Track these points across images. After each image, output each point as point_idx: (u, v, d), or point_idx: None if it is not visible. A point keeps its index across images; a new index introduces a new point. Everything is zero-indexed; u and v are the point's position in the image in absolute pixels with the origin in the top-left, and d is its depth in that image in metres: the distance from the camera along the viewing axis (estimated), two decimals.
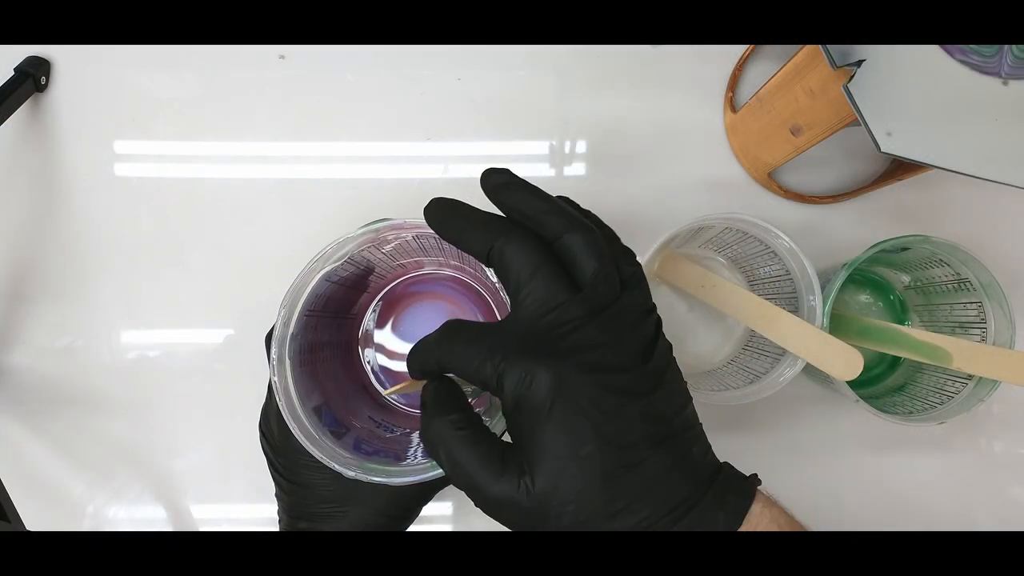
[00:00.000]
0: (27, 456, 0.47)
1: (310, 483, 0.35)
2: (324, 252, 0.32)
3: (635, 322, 0.25)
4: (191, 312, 0.47)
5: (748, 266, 0.45)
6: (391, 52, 0.47)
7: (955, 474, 0.47)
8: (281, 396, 0.32)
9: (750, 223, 0.39)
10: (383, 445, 0.36)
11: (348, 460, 0.32)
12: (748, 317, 0.41)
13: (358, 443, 0.34)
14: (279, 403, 0.32)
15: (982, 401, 0.39)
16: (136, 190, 0.47)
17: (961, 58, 0.32)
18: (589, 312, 0.24)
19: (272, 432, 0.36)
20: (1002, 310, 0.40)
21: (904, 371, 0.46)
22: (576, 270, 0.25)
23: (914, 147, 0.32)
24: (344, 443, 0.33)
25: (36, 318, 0.47)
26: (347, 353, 0.42)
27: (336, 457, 0.32)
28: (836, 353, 0.38)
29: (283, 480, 0.36)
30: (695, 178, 0.47)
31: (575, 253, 0.24)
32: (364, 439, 0.35)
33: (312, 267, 0.33)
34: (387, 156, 0.47)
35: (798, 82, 0.38)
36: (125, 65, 0.47)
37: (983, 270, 0.39)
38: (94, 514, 0.47)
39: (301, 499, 0.36)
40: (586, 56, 0.47)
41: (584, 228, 0.25)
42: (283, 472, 0.36)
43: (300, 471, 0.35)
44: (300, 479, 0.35)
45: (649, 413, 0.24)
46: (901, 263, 0.44)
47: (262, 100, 0.47)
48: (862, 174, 0.47)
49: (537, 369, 0.23)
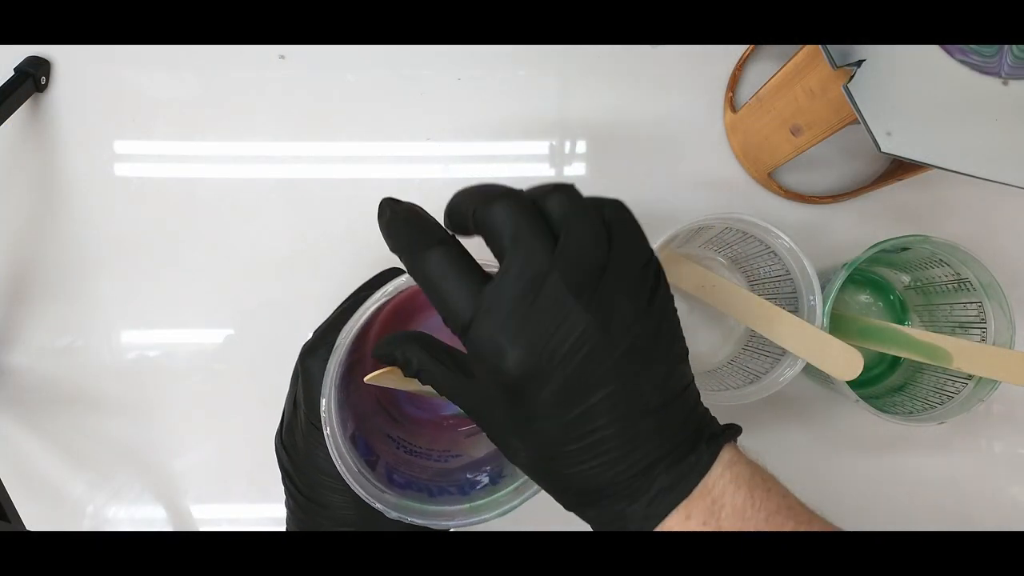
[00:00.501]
0: (27, 456, 0.47)
1: (329, 503, 0.34)
2: (398, 285, 0.31)
3: (632, 288, 0.25)
4: (191, 312, 0.47)
5: (748, 266, 0.45)
6: (391, 52, 0.47)
7: (955, 474, 0.47)
8: (327, 427, 0.31)
9: (750, 223, 0.39)
10: (411, 474, 0.35)
11: (388, 499, 0.32)
12: (748, 317, 0.41)
13: (390, 472, 0.34)
14: (327, 436, 0.31)
15: (982, 401, 0.39)
16: (136, 190, 0.47)
17: (961, 58, 0.32)
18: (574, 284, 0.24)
19: (296, 448, 0.35)
20: (1002, 310, 0.40)
21: (904, 371, 0.46)
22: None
23: (914, 147, 0.32)
24: (378, 475, 0.33)
25: (36, 318, 0.47)
26: (362, 371, 0.41)
27: (376, 495, 0.32)
28: (836, 353, 0.38)
29: (300, 497, 0.35)
30: (695, 178, 0.47)
31: (549, 210, 0.25)
32: (393, 466, 0.35)
33: (376, 300, 0.31)
34: (387, 156, 0.47)
35: (798, 82, 0.38)
36: (125, 65, 0.47)
37: (983, 270, 0.39)
38: (94, 514, 0.47)
39: (315, 517, 0.35)
40: (586, 56, 0.47)
41: (557, 187, 0.25)
42: (302, 489, 0.35)
43: (321, 491, 0.34)
44: (320, 499, 0.35)
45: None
46: (901, 263, 0.44)
47: (262, 100, 0.47)
48: (862, 174, 0.47)
49: (506, 348, 0.23)
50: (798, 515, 0.25)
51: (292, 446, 0.35)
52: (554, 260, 0.23)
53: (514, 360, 0.23)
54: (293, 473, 0.35)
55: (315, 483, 0.34)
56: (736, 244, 0.44)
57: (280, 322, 0.47)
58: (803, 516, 0.25)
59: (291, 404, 0.36)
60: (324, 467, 0.32)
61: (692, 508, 0.24)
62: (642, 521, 0.25)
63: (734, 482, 0.25)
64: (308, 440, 0.33)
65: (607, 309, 0.24)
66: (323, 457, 0.32)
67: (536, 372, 0.24)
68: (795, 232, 0.39)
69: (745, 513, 0.24)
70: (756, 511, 0.24)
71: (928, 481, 0.47)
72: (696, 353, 0.46)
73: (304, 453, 0.34)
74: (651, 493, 0.25)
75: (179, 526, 0.47)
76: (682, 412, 0.26)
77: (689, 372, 0.27)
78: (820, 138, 0.39)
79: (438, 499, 0.33)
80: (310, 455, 0.34)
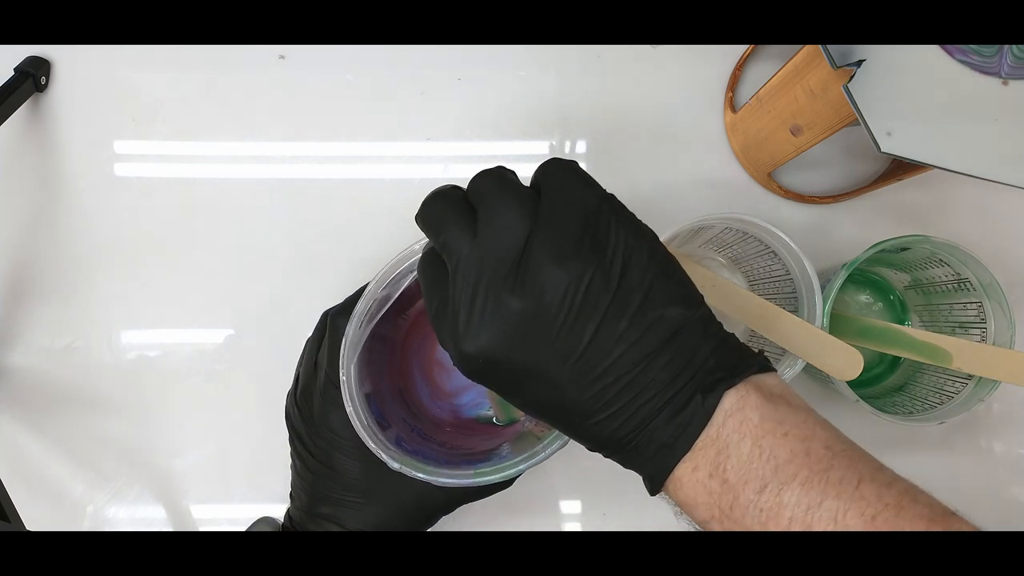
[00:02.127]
0: (27, 456, 0.47)
1: (341, 468, 0.34)
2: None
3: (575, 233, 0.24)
4: (191, 312, 0.47)
5: (748, 266, 0.45)
6: (391, 52, 0.47)
7: (955, 474, 0.47)
8: (345, 377, 0.31)
9: (750, 223, 0.39)
10: (421, 446, 0.36)
11: (393, 453, 0.32)
12: (748, 317, 0.41)
13: (399, 440, 0.34)
14: (343, 382, 0.31)
15: (982, 401, 0.39)
16: (136, 190, 0.47)
17: (961, 58, 0.32)
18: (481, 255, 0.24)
19: (312, 408, 0.35)
20: (1002, 310, 0.40)
21: (904, 371, 0.46)
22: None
23: (914, 147, 0.32)
24: (388, 436, 0.33)
25: (36, 318, 0.47)
26: (391, 352, 0.41)
27: (384, 448, 0.32)
28: (836, 353, 0.38)
29: (310, 458, 0.35)
30: (695, 178, 0.47)
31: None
32: (404, 437, 0.35)
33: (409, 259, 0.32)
34: (387, 156, 0.47)
35: (798, 82, 0.38)
36: (125, 65, 0.47)
37: (983, 270, 0.39)
38: (94, 514, 0.47)
39: (326, 481, 0.35)
40: (586, 56, 0.47)
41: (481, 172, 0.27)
42: (314, 452, 0.35)
43: (333, 453, 0.34)
44: (332, 462, 0.35)
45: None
46: (901, 263, 0.44)
47: (262, 100, 0.47)
48: (862, 174, 0.47)
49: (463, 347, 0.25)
50: (813, 462, 0.23)
51: (307, 407, 0.35)
52: (476, 253, 0.24)
53: (471, 353, 0.25)
54: (304, 434, 0.35)
55: (327, 443, 0.34)
56: (736, 244, 0.44)
57: (280, 322, 0.47)
58: (819, 463, 0.23)
59: (311, 366, 0.36)
60: (337, 428, 0.33)
61: (698, 459, 0.24)
62: (652, 475, 0.25)
63: (738, 431, 0.24)
64: (326, 399, 0.33)
65: (534, 287, 0.24)
66: (338, 419, 0.33)
67: (483, 370, 0.25)
68: (795, 232, 0.39)
69: (751, 464, 0.23)
70: (764, 461, 0.23)
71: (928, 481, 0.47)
72: None
73: (320, 413, 0.34)
74: (651, 449, 0.24)
75: (179, 526, 0.47)
76: (679, 359, 0.24)
77: (686, 314, 0.25)
78: (820, 138, 0.39)
79: (444, 467, 0.34)
80: (325, 416, 0.34)
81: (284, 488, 0.47)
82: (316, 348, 0.36)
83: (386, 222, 0.46)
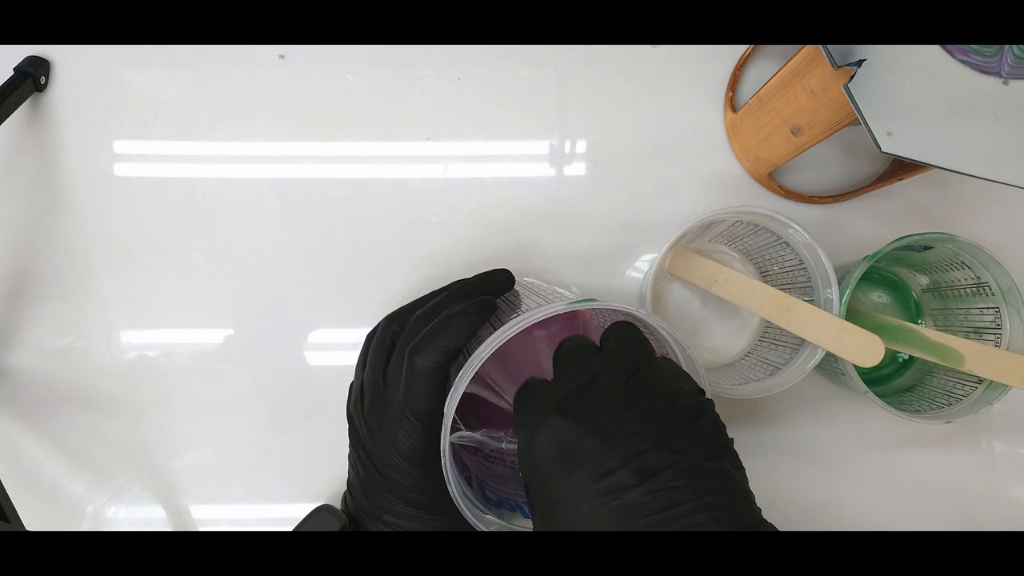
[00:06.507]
0: (27, 456, 0.47)
1: (400, 484, 0.35)
2: (527, 316, 0.31)
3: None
4: (191, 312, 0.47)
5: (760, 258, 0.45)
6: (391, 52, 0.47)
7: (955, 474, 0.47)
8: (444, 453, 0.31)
9: (761, 215, 0.39)
10: (500, 489, 0.36)
11: (489, 520, 0.33)
12: (765, 309, 0.40)
13: (482, 487, 0.35)
14: (444, 464, 0.31)
15: (990, 405, 0.39)
16: (136, 190, 0.47)
17: (961, 58, 0.32)
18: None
19: (381, 428, 0.35)
20: (1019, 316, 0.39)
21: (914, 373, 0.46)
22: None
23: (914, 147, 0.31)
24: (475, 492, 0.34)
25: (36, 318, 0.47)
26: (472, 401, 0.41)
27: (477, 515, 0.32)
28: (856, 340, 0.37)
29: (373, 470, 0.35)
30: (695, 178, 0.47)
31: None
32: (481, 479, 0.36)
33: (508, 329, 0.31)
34: (387, 156, 0.47)
35: (798, 82, 0.38)
36: (125, 65, 0.47)
37: (1004, 274, 0.39)
38: (94, 514, 0.47)
39: (385, 487, 0.35)
40: (586, 56, 0.47)
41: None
42: (377, 464, 0.35)
43: (395, 470, 0.35)
44: (392, 477, 0.35)
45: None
46: (921, 263, 0.44)
47: (262, 100, 0.47)
48: (862, 174, 0.47)
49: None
50: None
51: (374, 425, 0.35)
52: (554, 397, 0.29)
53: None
54: (372, 451, 0.35)
55: (390, 463, 0.35)
56: (747, 237, 0.44)
57: (280, 322, 0.47)
58: None
59: (379, 382, 0.35)
60: (405, 452, 0.33)
61: None
62: None
63: None
64: (398, 426, 0.34)
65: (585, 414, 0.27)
66: (406, 443, 0.33)
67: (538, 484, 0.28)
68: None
69: None
70: None
71: (928, 481, 0.47)
72: (711, 347, 0.46)
73: (390, 436, 0.34)
74: None
75: (179, 526, 0.47)
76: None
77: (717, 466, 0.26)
78: (820, 138, 0.39)
79: (526, 517, 0.34)
80: (395, 439, 0.34)
81: (284, 488, 0.47)
82: (384, 363, 0.36)
83: (386, 222, 0.46)
